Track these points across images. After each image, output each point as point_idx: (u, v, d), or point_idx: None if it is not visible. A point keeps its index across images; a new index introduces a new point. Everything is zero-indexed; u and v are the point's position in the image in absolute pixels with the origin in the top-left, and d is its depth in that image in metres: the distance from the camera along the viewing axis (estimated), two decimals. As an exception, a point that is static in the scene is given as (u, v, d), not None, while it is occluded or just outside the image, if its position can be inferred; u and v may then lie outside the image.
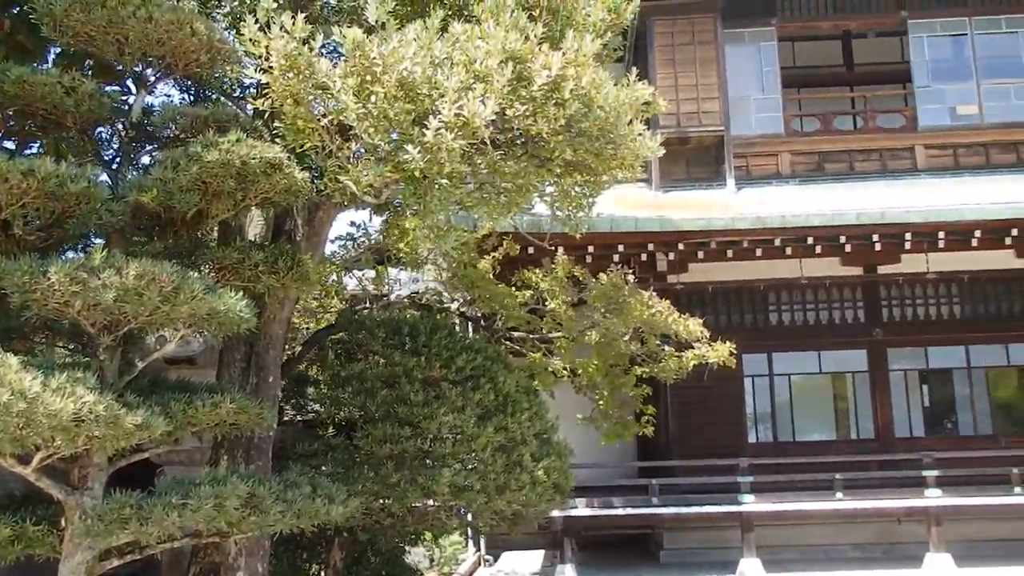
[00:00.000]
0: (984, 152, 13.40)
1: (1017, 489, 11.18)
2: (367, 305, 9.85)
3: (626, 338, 9.21)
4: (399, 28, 5.15)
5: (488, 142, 5.27)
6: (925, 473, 11.29)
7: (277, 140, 5.64)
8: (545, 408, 8.01)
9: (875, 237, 11.14)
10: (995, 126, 13.42)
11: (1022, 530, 11.54)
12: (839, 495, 11.16)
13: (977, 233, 11.17)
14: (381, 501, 7.07)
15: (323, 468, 6.99)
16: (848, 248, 11.47)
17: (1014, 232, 11.18)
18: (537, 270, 9.57)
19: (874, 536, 11.95)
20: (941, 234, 11.14)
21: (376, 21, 5.06)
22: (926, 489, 11.21)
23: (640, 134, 6.12)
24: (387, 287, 10.12)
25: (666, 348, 9.46)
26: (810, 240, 11.10)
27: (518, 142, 5.84)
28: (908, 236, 11.16)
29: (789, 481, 11.52)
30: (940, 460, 11.41)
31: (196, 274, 5.19)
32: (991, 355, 13.15)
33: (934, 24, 13.78)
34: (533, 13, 5.91)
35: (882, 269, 12.74)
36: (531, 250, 9.74)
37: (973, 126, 13.47)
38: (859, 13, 14.02)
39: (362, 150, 5.73)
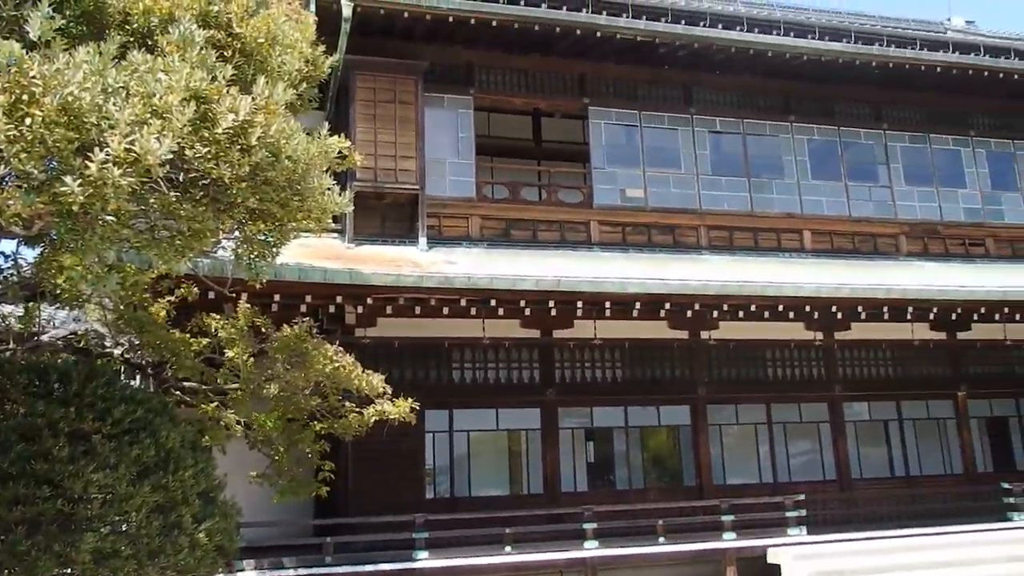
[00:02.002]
0: (647, 232, 15.00)
1: (662, 539, 12.35)
2: (10, 346, 8.63)
3: (307, 392, 8.92)
4: (68, 48, 4.63)
5: (163, 181, 4.87)
6: (585, 526, 12.11)
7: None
8: (213, 464, 7.46)
9: (551, 303, 11.90)
10: (656, 209, 15.10)
11: (668, 578, 12.72)
12: (508, 549, 11.60)
13: (637, 305, 12.34)
14: (6, 573, 6.10)
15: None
16: (527, 312, 12.14)
17: (667, 305, 12.51)
18: (218, 316, 9.01)
19: (541, 587, 12.54)
20: (607, 304, 12.16)
21: (39, 37, 4.50)
22: (585, 541, 12.01)
23: (329, 188, 6.04)
24: (37, 326, 8.95)
25: (347, 403, 9.31)
26: (493, 302, 11.61)
27: (199, 184, 5.47)
28: (579, 304, 12.06)
29: (464, 536, 11.79)
30: (599, 513, 12.32)
31: None
32: (645, 416, 14.54)
33: (610, 113, 15.30)
34: (225, 53, 5.62)
35: (557, 333, 13.66)
36: (212, 295, 9.17)
37: (639, 208, 15.05)
38: (548, 94, 15.20)
39: (13, 175, 5.05)
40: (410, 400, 9.32)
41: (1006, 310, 13.94)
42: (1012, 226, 17.33)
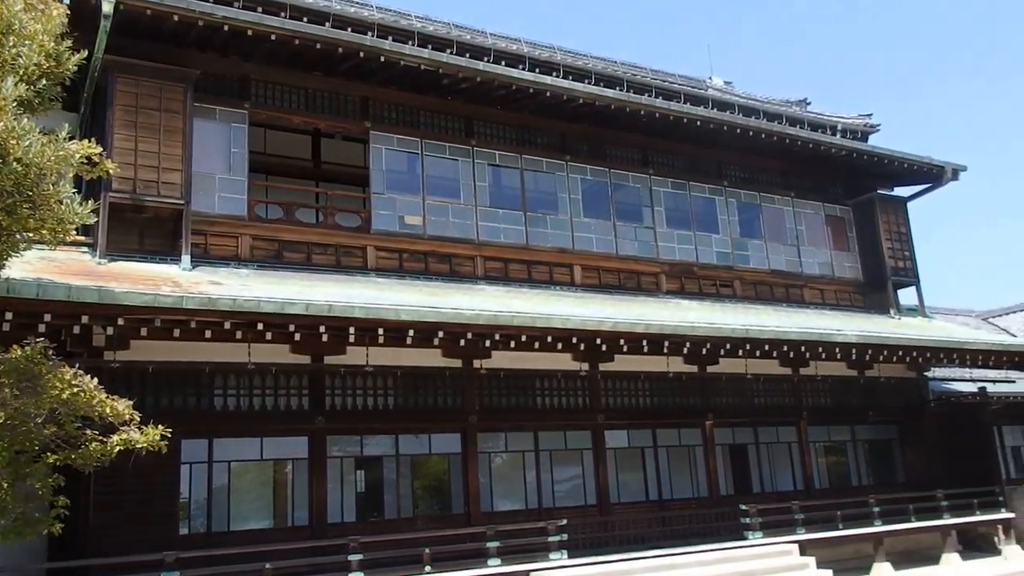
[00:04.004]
0: (424, 260, 15.05)
1: (428, 568, 12.25)
2: None
3: (39, 420, 8.02)
4: None
5: None
6: (351, 557, 11.79)
7: None
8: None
9: (322, 328, 11.54)
10: (434, 238, 15.19)
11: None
12: (268, 586, 11.04)
13: (411, 332, 12.25)
14: None
15: None
16: (297, 337, 11.72)
17: (441, 334, 12.53)
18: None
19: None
20: (380, 330, 11.98)
21: None
22: (350, 573, 11.69)
23: (69, 196, 5.50)
24: None
25: (89, 432, 8.48)
26: (260, 326, 11.08)
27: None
28: (352, 330, 11.78)
29: (220, 574, 11.11)
30: (366, 544, 12.04)
31: None
32: (417, 444, 14.46)
33: (392, 138, 15.26)
34: (-59, 38, 5.01)
35: (328, 359, 13.29)
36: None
37: (417, 235, 15.07)
38: (329, 115, 14.92)
39: None
40: (161, 428, 8.64)
41: (748, 346, 15.25)
42: (756, 270, 19.09)
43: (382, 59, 14.02)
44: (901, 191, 21.72)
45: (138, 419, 8.62)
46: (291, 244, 13.83)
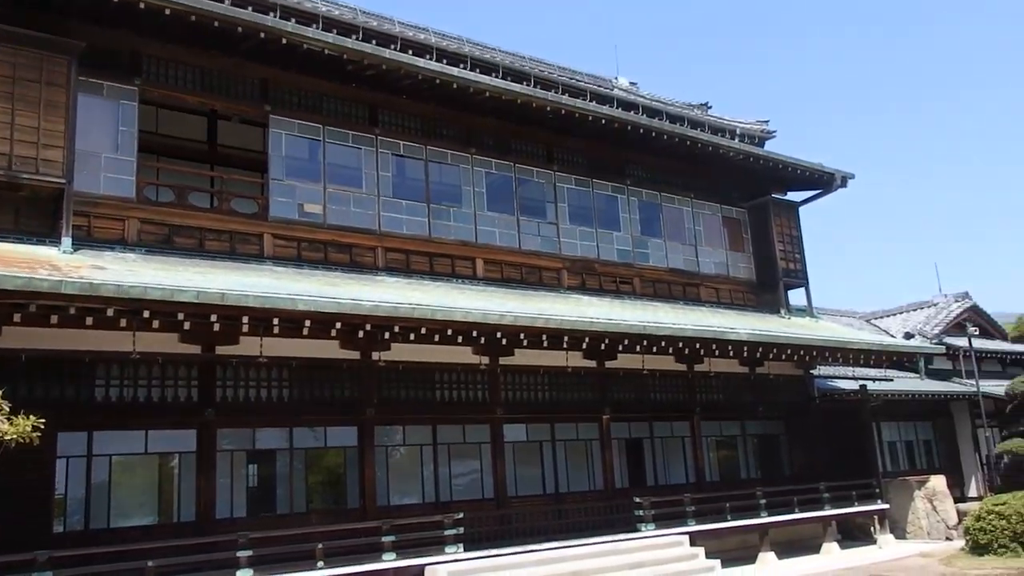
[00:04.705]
0: (324, 249, 14.71)
1: (321, 564, 11.99)
2: None
3: None
4: None
5: None
6: (239, 554, 11.43)
7: None
8: None
9: (214, 317, 11.09)
10: (335, 227, 14.86)
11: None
12: (149, 585, 10.59)
13: (308, 323, 11.93)
14: None
15: None
16: (187, 326, 11.23)
17: (339, 325, 12.25)
18: None
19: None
20: (276, 320, 11.62)
21: None
22: (238, 570, 11.33)
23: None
24: None
25: (-49, 425, 7.92)
26: (147, 314, 10.57)
27: None
28: (246, 320, 11.38)
29: (97, 573, 10.61)
30: (256, 540, 11.69)
31: None
32: (312, 437, 14.13)
33: (293, 124, 14.84)
34: None
35: (220, 349, 12.83)
36: None
37: (317, 224, 14.71)
38: (227, 96, 14.39)
39: None
40: (33, 419, 8.15)
41: (645, 343, 15.50)
42: (655, 268, 19.45)
43: (284, 41, 13.59)
44: (794, 196, 22.53)
45: (7, 409, 8.12)
46: (182, 229, 13.28)
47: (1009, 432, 24.55)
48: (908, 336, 27.11)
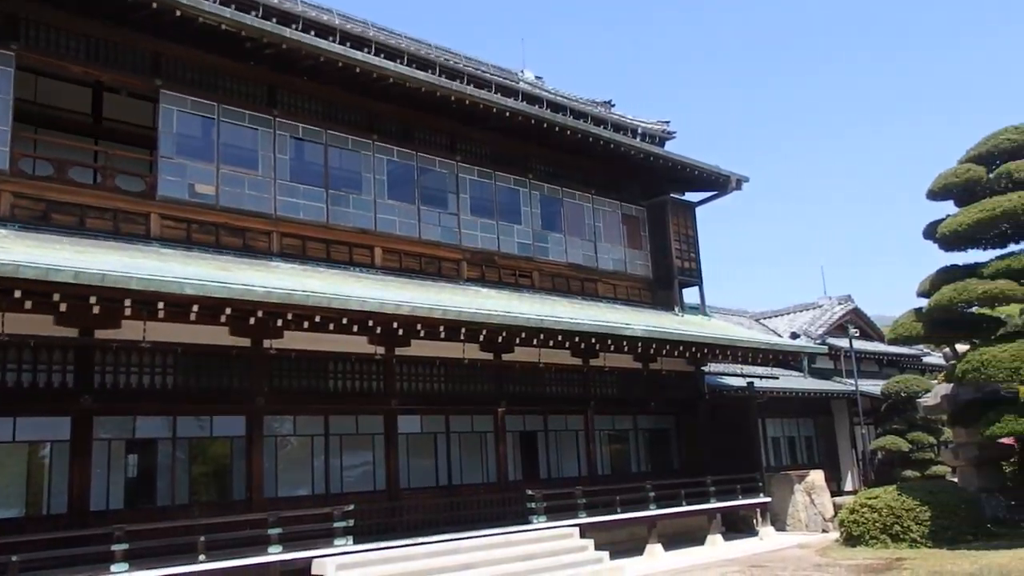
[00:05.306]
0: (215, 232, 14.20)
1: (202, 557, 11.57)
2: None
3: None
4: None
5: None
6: (115, 547, 10.92)
7: None
8: None
9: (93, 299, 10.52)
10: (228, 209, 14.37)
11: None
12: (14, 580, 9.99)
13: (195, 307, 11.46)
14: None
15: None
16: (63, 307, 10.60)
17: (229, 311, 11.81)
18: None
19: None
20: (161, 304, 11.11)
21: None
22: (113, 564, 10.84)
23: None
24: None
25: None
26: (18, 293, 9.94)
27: None
28: (128, 303, 10.85)
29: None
30: (134, 533, 11.20)
31: None
32: (197, 426, 13.62)
33: (186, 100, 14.25)
34: None
35: (100, 333, 12.23)
36: None
37: (209, 205, 14.18)
38: (114, 68, 13.69)
39: None
40: None
41: (542, 336, 15.58)
42: (555, 263, 19.60)
43: (177, 13, 13.02)
44: (692, 196, 23.09)
45: None
46: (61, 205, 12.57)
47: (883, 429, 25.88)
48: (794, 336, 28.21)
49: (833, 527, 20.20)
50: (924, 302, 18.27)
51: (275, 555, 12.27)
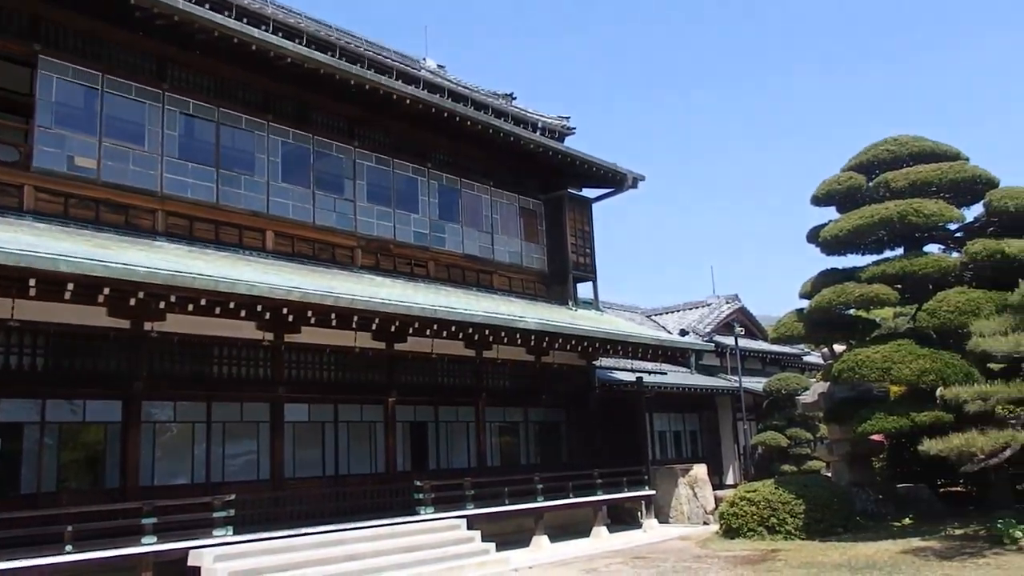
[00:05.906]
0: (96, 208, 13.57)
1: (70, 547, 11.06)
2: None
3: None
4: None
5: None
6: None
7: None
8: None
9: (-43, 274, 9.92)
10: (110, 185, 13.75)
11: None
12: None
13: (70, 286, 10.90)
14: None
15: None
16: (-79, 281, 9.97)
17: (107, 290, 11.29)
18: None
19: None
20: (32, 282, 10.53)
21: None
22: (-28, 555, 10.24)
23: None
24: None
25: None
26: None
27: None
28: (-5, 279, 10.26)
29: None
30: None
31: None
32: (68, 411, 12.98)
33: (67, 68, 13.55)
34: None
35: (-38, 310, 11.50)
36: None
37: (89, 180, 13.53)
38: (-13, 29, 12.87)
39: None
40: None
41: (435, 327, 15.51)
42: (451, 253, 19.56)
43: (60, -25, 12.37)
44: (589, 192, 23.42)
45: None
46: (-77, 172, 11.77)
47: (764, 425, 26.96)
48: (683, 333, 29.03)
49: (714, 520, 20.85)
50: (806, 303, 19.05)
51: (148, 546, 11.83)
